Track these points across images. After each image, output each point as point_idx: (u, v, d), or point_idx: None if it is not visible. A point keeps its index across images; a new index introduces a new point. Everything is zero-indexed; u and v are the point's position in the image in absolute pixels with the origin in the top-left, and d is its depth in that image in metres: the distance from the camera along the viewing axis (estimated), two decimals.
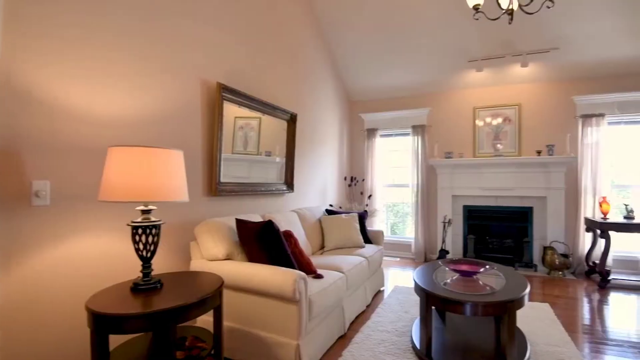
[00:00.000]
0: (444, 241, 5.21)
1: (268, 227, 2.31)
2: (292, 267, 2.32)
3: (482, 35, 4.50)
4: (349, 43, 5.07)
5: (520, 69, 4.87)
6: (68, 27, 1.86)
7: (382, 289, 3.94)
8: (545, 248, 4.69)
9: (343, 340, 2.66)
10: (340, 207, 5.51)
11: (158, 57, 2.38)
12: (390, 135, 5.97)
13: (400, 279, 4.40)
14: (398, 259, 5.53)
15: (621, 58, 4.45)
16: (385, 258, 5.49)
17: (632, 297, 3.75)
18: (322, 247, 3.73)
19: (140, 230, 1.72)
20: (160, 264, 2.41)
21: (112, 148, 1.66)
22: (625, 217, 4.23)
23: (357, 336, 2.68)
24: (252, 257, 2.35)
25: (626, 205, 4.31)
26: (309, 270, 2.52)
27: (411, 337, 2.59)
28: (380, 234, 4.05)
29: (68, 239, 1.89)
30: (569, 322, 3.05)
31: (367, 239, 3.94)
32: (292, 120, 3.91)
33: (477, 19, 2.71)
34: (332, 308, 2.56)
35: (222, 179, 2.92)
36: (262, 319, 2.18)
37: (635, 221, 4.11)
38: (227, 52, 3.05)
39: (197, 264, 2.39)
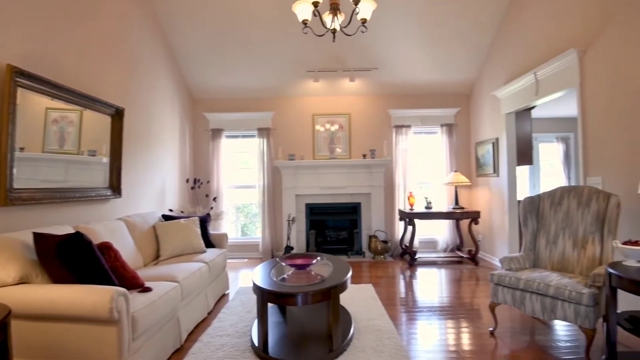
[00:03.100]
0: (289, 238, 5.49)
1: (74, 239, 1.96)
2: (111, 283, 2.04)
3: (317, 49, 4.94)
4: (191, 40, 4.81)
5: (349, 83, 5.56)
6: None
7: (226, 292, 3.87)
8: (370, 237, 5.49)
9: (179, 353, 2.49)
10: (182, 212, 5.16)
11: None
12: (237, 136, 5.94)
13: (247, 280, 4.42)
14: (246, 260, 5.55)
15: (422, 81, 5.59)
16: (233, 260, 5.42)
17: (432, 270, 4.77)
18: (158, 256, 3.42)
19: None
20: None
21: None
22: (425, 208, 5.31)
23: (195, 346, 2.55)
24: (57, 278, 1.96)
25: (426, 198, 5.42)
26: (135, 284, 2.26)
27: (251, 336, 2.63)
28: (223, 236, 3.97)
29: None
30: (387, 297, 3.64)
31: (210, 243, 3.80)
32: (118, 115, 3.44)
33: (306, 33, 2.95)
34: (165, 321, 2.37)
35: (17, 185, 2.35)
36: (73, 349, 1.84)
37: (432, 210, 5.21)
38: (26, 30, 2.47)
39: None
